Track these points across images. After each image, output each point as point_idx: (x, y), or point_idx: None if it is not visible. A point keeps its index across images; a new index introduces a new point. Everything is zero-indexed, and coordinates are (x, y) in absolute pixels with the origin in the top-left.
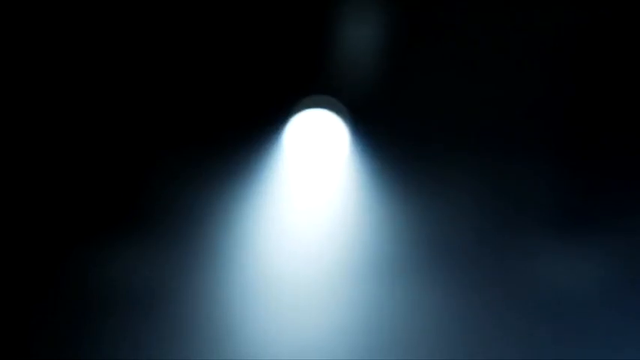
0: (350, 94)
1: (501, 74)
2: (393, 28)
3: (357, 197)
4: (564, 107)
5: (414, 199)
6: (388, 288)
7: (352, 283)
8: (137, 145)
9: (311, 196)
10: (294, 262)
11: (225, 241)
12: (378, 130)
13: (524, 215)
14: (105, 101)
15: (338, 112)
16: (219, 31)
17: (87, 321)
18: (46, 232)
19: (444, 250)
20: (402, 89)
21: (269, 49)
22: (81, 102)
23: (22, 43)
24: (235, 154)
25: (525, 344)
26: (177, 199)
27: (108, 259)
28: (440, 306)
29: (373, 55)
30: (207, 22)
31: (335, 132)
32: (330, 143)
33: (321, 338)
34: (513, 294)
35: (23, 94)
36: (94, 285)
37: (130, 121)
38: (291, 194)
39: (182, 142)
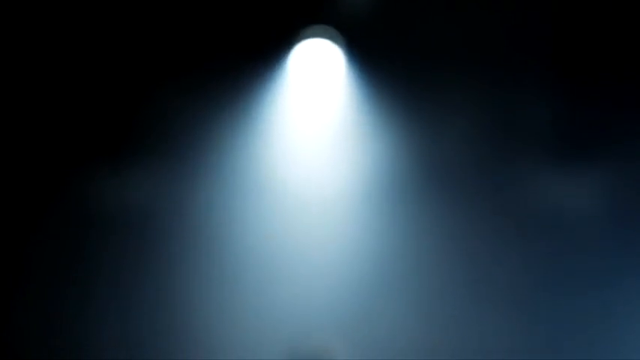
0: (348, 23)
1: (505, 1)
2: None
3: (357, 124)
4: (566, 38)
5: (414, 126)
6: (388, 212)
7: (353, 206)
8: (139, 72)
9: (311, 124)
10: (295, 185)
11: (227, 164)
12: (378, 59)
13: (523, 142)
14: (104, 25)
15: (336, 41)
16: None
17: (87, 241)
18: (49, 155)
19: (443, 175)
20: (401, 17)
21: None
22: (81, 28)
23: None
24: (236, 81)
25: (526, 267)
26: (177, 124)
27: (109, 179)
28: (440, 229)
29: None
30: None
31: (334, 61)
32: (330, 72)
33: (322, 259)
34: (513, 218)
35: (23, 24)
36: (96, 205)
37: (132, 46)
38: (292, 121)
39: (182, 70)
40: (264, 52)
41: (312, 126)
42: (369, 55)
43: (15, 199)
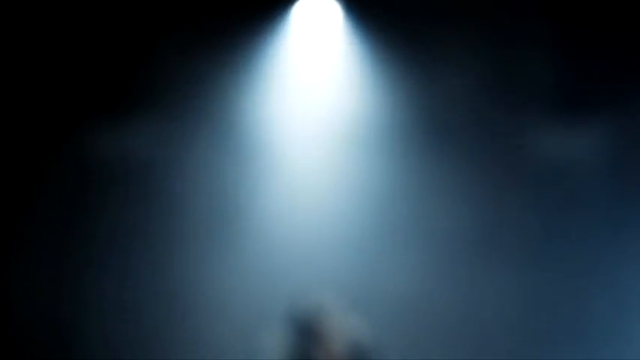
0: None
1: None
2: None
3: (357, 77)
4: None
5: (413, 79)
6: (389, 163)
7: (354, 159)
8: (141, 26)
9: (312, 77)
10: (295, 139)
11: (227, 117)
12: (377, 13)
13: (523, 95)
14: None
15: None
16: None
17: (88, 190)
18: (50, 107)
19: (443, 127)
20: None
21: None
22: None
23: None
24: (238, 36)
25: (527, 216)
26: (178, 77)
27: (110, 131)
28: (441, 181)
29: None
30: None
31: (334, 16)
32: (330, 27)
33: (322, 213)
34: (514, 169)
35: None
36: (96, 156)
37: (134, 1)
38: (293, 75)
39: (183, 23)
40: (265, 7)
41: (313, 79)
42: (368, 9)
43: (17, 149)
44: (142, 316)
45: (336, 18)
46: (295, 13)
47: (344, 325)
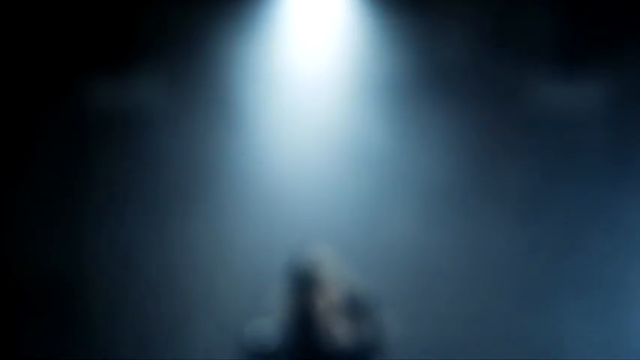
0: None
1: None
2: None
3: (360, 30)
4: None
5: (417, 30)
6: (388, 111)
7: (355, 114)
8: None
9: (314, 32)
10: (297, 94)
11: (228, 72)
12: None
13: (524, 48)
14: None
15: None
16: None
17: (86, 141)
18: (50, 58)
19: (444, 77)
20: None
21: None
22: None
23: None
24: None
25: (525, 168)
26: (178, 31)
27: (109, 82)
28: (442, 132)
29: None
30: None
31: None
32: None
33: (323, 166)
34: (511, 116)
35: None
36: (95, 107)
37: None
38: (296, 30)
39: None
40: None
41: (314, 35)
42: None
43: (15, 102)
44: (137, 270)
45: None
46: None
47: (343, 276)
